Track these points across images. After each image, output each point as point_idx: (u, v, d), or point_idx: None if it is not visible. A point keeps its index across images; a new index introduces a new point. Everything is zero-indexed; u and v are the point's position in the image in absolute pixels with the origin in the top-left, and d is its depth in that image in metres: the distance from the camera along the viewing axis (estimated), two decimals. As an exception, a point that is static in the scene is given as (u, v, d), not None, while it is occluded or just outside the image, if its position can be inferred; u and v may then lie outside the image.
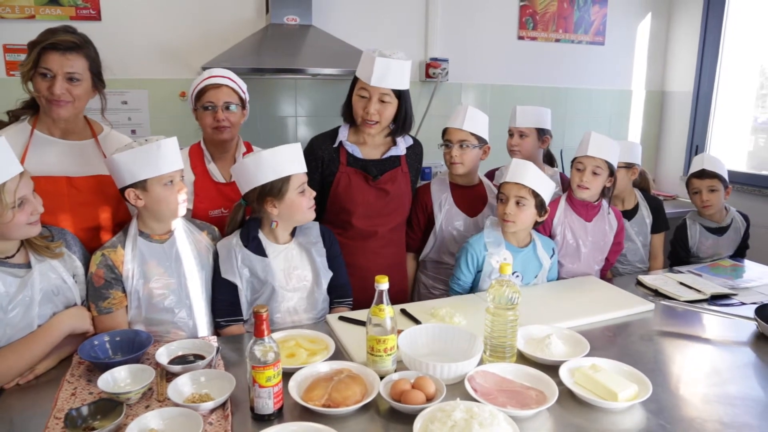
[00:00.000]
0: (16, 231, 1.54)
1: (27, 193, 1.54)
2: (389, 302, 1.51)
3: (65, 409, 1.41)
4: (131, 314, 1.78)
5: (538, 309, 1.97)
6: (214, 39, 3.43)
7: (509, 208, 2.13)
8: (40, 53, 1.77)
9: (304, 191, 1.88)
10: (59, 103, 1.83)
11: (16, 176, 1.50)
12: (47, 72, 1.80)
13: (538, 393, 1.47)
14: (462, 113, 2.33)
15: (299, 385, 1.46)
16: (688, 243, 2.82)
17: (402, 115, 2.14)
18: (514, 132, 2.82)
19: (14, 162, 1.52)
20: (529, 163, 2.18)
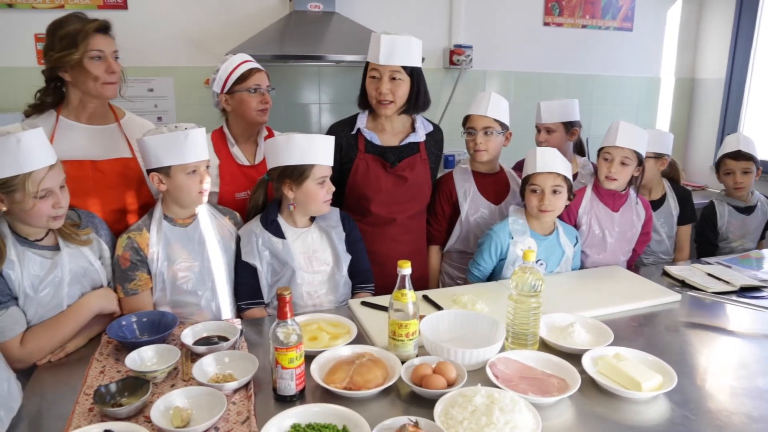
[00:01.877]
0: (38, 220, 1.58)
1: (53, 186, 1.56)
2: (411, 287, 1.51)
3: (94, 386, 1.46)
4: (156, 296, 1.82)
5: (561, 297, 1.95)
6: (238, 26, 3.45)
7: (548, 198, 2.11)
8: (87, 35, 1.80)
9: (324, 183, 1.88)
10: (113, 83, 1.89)
11: (44, 168, 1.53)
12: (99, 54, 1.84)
13: (560, 381, 1.46)
14: (485, 99, 2.31)
15: (321, 367, 1.47)
16: (717, 224, 2.78)
17: (415, 93, 2.12)
18: (540, 128, 2.78)
19: (47, 154, 1.55)
20: (554, 149, 2.15)
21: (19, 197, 1.51)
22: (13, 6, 3.23)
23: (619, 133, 2.27)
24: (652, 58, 4.47)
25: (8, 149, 1.48)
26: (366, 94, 2.14)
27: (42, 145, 1.54)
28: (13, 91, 3.26)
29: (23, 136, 1.49)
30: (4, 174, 1.49)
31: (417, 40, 2.08)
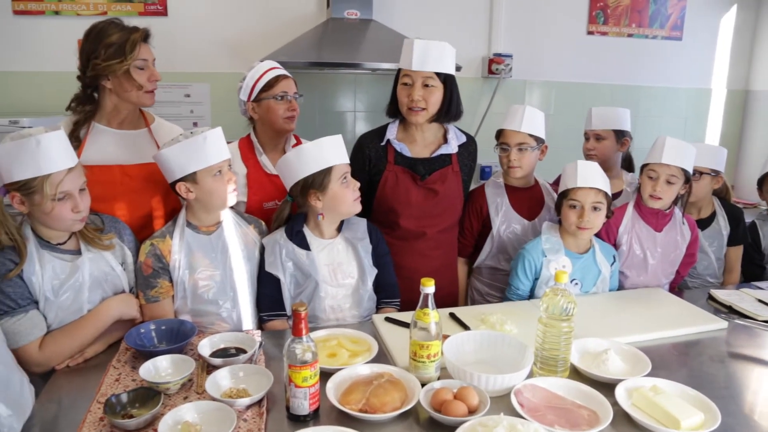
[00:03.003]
0: (57, 223, 1.57)
1: (71, 189, 1.55)
2: (435, 306, 1.44)
3: (108, 394, 1.43)
4: (177, 304, 1.79)
5: (596, 320, 1.85)
6: (275, 33, 3.45)
7: (588, 215, 2.01)
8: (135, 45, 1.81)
9: (347, 181, 1.84)
10: (153, 92, 1.91)
11: (63, 170, 1.53)
12: (144, 63, 1.85)
13: (590, 413, 1.37)
14: (519, 114, 2.21)
15: (337, 387, 1.41)
16: (761, 244, 2.61)
17: (447, 101, 2.05)
18: (590, 135, 2.66)
19: (66, 156, 1.55)
20: (594, 163, 2.06)
21: (37, 199, 1.51)
22: (59, 13, 3.31)
23: (666, 149, 2.14)
24: (702, 69, 4.28)
25: (28, 151, 1.48)
26: (396, 102, 2.07)
27: (62, 147, 1.54)
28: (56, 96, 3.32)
29: (42, 138, 1.49)
30: (23, 175, 1.49)
31: (451, 47, 2.02)
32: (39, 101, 3.34)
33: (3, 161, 1.49)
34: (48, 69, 3.34)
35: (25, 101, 3.34)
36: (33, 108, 3.32)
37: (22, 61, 3.31)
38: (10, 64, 3.29)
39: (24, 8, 3.27)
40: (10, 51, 3.29)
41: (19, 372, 1.39)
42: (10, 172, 1.49)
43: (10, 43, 3.28)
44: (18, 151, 1.48)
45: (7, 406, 1.26)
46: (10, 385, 1.32)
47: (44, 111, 3.27)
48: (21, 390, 1.36)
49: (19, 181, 1.49)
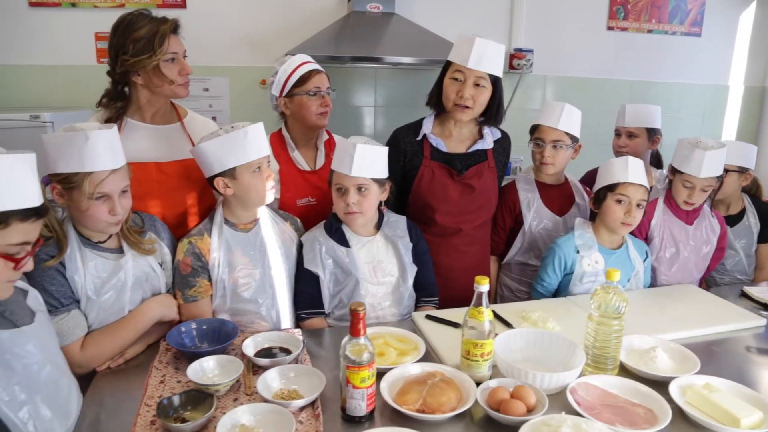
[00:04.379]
0: (92, 223, 1.54)
1: (111, 191, 1.51)
2: (488, 305, 1.42)
3: (155, 396, 1.41)
4: (216, 303, 1.77)
5: (635, 317, 1.81)
6: (296, 27, 3.42)
7: (634, 212, 2.00)
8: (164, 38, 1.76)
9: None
10: (187, 84, 1.87)
11: (106, 171, 1.49)
12: (174, 56, 1.81)
13: (646, 411, 1.35)
14: (558, 110, 2.19)
15: (391, 386, 1.40)
16: None
17: (495, 105, 2.03)
18: (621, 132, 2.63)
19: (112, 157, 1.51)
20: (640, 160, 2.05)
21: (76, 195, 1.48)
22: (75, 5, 3.27)
23: (704, 164, 2.11)
24: (720, 65, 4.26)
25: (75, 145, 1.45)
26: (439, 95, 2.04)
27: (110, 147, 1.50)
28: (75, 89, 3.32)
29: (91, 135, 1.46)
30: (67, 168, 1.46)
31: (504, 48, 2.00)
32: (56, 95, 3.32)
33: (51, 151, 1.46)
34: (65, 62, 3.31)
35: (43, 95, 3.31)
36: (51, 102, 3.29)
37: (39, 55, 3.28)
38: (27, 58, 3.26)
39: (40, 0, 3.22)
40: (27, 44, 3.25)
41: (68, 377, 1.37)
42: (56, 162, 1.46)
43: (26, 36, 3.25)
44: (66, 144, 1.45)
45: (50, 409, 1.24)
46: (58, 389, 1.30)
47: (62, 105, 3.25)
48: (68, 395, 1.33)
49: (62, 173, 1.46)
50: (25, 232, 1.18)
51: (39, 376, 1.24)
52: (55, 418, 1.24)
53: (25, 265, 1.21)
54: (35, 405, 1.20)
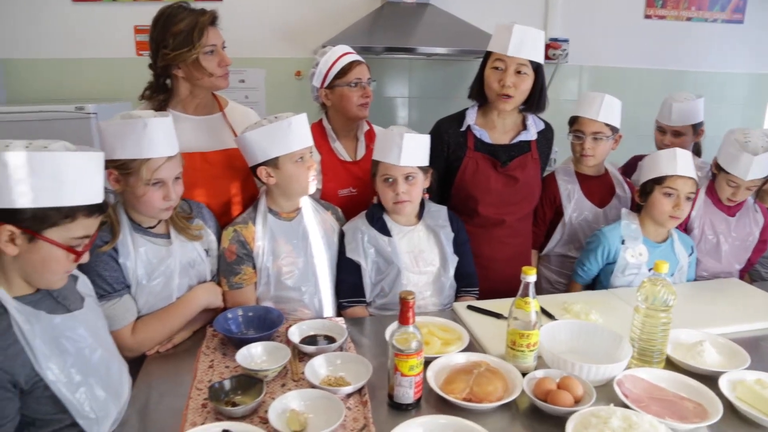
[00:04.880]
0: (145, 208, 1.58)
1: (166, 177, 1.55)
2: (535, 295, 1.42)
3: (204, 380, 1.45)
4: (260, 291, 1.80)
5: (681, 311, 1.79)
6: (331, 19, 3.44)
7: (683, 205, 1.96)
8: (202, 32, 1.78)
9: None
10: (227, 75, 1.89)
11: (163, 157, 1.53)
12: (212, 48, 1.82)
13: (695, 405, 1.34)
14: (598, 102, 2.16)
15: (437, 375, 1.41)
16: None
17: (537, 92, 2.01)
18: (667, 130, 2.57)
19: (168, 144, 1.55)
20: (689, 152, 2.02)
21: (132, 181, 1.52)
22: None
23: (752, 168, 2.06)
24: (762, 53, 4.13)
25: (134, 132, 1.48)
26: (481, 86, 2.03)
27: (167, 135, 1.54)
28: (115, 81, 3.38)
29: (150, 122, 1.49)
30: (125, 155, 1.49)
31: (543, 35, 1.98)
32: (98, 87, 3.40)
33: (109, 138, 1.50)
34: (106, 55, 3.38)
35: (85, 88, 3.39)
36: (93, 94, 3.36)
37: (81, 49, 3.36)
38: (70, 52, 3.34)
39: (82, -5, 3.30)
40: (71, 38, 3.34)
41: (118, 360, 1.41)
42: (113, 149, 1.49)
43: (70, 30, 3.33)
44: (125, 131, 1.48)
45: (104, 390, 1.28)
46: (110, 371, 1.34)
47: (104, 97, 3.31)
48: (120, 378, 1.38)
49: (119, 159, 1.50)
50: (87, 227, 1.23)
51: (91, 360, 1.28)
52: (109, 399, 1.28)
53: (83, 257, 1.25)
54: (90, 387, 1.24)
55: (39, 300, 1.23)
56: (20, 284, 1.21)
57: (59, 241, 1.18)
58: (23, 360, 1.14)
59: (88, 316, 1.33)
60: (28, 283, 1.22)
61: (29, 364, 1.14)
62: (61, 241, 1.18)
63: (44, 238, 1.16)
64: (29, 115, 2.70)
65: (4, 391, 1.12)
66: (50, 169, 1.14)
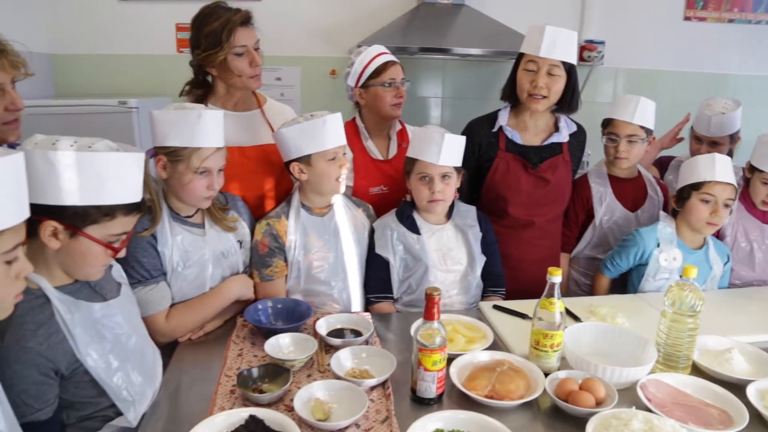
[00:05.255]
0: (189, 196, 1.64)
1: (212, 167, 1.62)
2: (560, 296, 1.43)
3: (234, 368, 1.50)
4: (290, 284, 1.85)
5: (710, 318, 1.77)
6: (366, 18, 3.47)
7: (721, 212, 1.94)
8: (231, 33, 1.83)
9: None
10: (258, 76, 1.93)
11: (212, 148, 1.60)
12: (243, 49, 1.87)
13: (720, 412, 1.33)
14: (633, 104, 2.15)
15: (460, 371, 1.43)
16: None
17: (570, 92, 2.01)
18: (703, 140, 2.52)
19: (218, 136, 1.62)
20: (729, 159, 1.99)
21: (181, 168, 1.58)
22: (160, -3, 3.44)
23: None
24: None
25: (188, 121, 1.55)
26: (513, 87, 2.04)
27: (217, 126, 1.61)
28: (156, 77, 3.48)
29: (204, 114, 1.57)
30: (177, 143, 1.56)
31: (576, 35, 1.99)
32: (140, 83, 3.50)
33: (161, 126, 1.57)
34: (148, 52, 3.48)
35: (127, 83, 3.50)
36: (134, 89, 3.47)
37: (125, 45, 3.47)
38: (115, 47, 3.46)
39: (128, -6, 3.41)
40: (116, 35, 3.45)
41: (152, 346, 1.47)
42: (166, 136, 1.56)
43: (116, 27, 3.44)
44: (178, 120, 1.55)
45: (140, 374, 1.34)
46: (144, 356, 1.40)
47: (145, 92, 3.42)
48: (153, 363, 1.44)
49: (170, 146, 1.57)
50: (125, 224, 1.28)
51: (127, 346, 1.34)
52: (144, 383, 1.35)
53: (120, 252, 1.31)
54: (126, 371, 1.31)
55: (78, 289, 1.28)
56: (60, 275, 1.26)
57: (98, 237, 1.23)
58: (65, 348, 1.20)
59: (123, 304, 1.39)
60: (67, 274, 1.28)
61: (70, 351, 1.21)
62: (100, 238, 1.23)
63: (85, 234, 1.21)
64: (75, 109, 2.80)
65: (46, 378, 1.18)
66: (94, 169, 1.18)
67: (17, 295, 1.02)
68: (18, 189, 0.98)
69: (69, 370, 1.22)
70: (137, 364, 1.35)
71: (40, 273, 1.21)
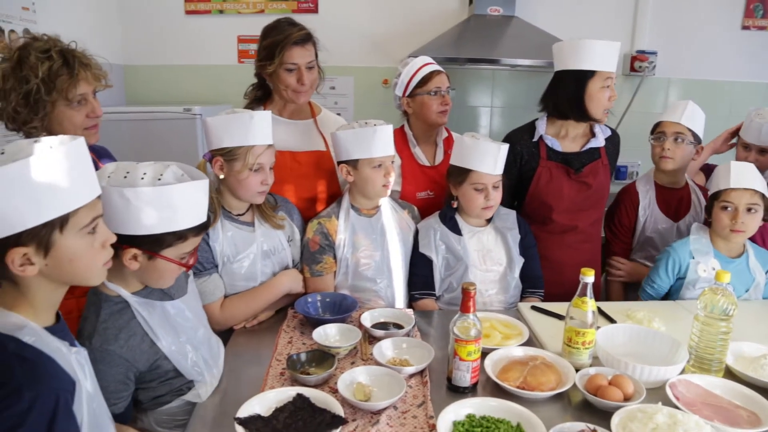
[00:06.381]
0: (245, 192, 1.78)
1: (266, 163, 1.77)
2: (593, 296, 1.50)
3: (284, 353, 1.63)
4: (338, 279, 1.97)
5: (751, 326, 1.80)
6: (417, 30, 3.59)
7: (741, 217, 1.95)
8: (283, 50, 1.98)
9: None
10: (302, 92, 2.06)
11: (264, 145, 1.75)
12: (293, 66, 2.02)
13: (750, 414, 1.36)
14: (681, 106, 2.20)
15: (494, 364, 1.51)
16: None
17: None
18: (752, 147, 2.48)
19: (268, 135, 1.77)
20: (751, 165, 1.99)
21: (237, 166, 1.72)
22: (223, 12, 3.66)
23: None
24: None
25: (242, 123, 1.71)
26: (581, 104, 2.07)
27: (267, 126, 1.76)
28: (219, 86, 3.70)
29: (255, 114, 1.72)
30: (233, 143, 1.71)
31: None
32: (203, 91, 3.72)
33: (216, 130, 1.72)
34: (211, 62, 3.70)
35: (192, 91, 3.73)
36: (198, 97, 3.70)
37: (191, 56, 3.71)
38: (181, 58, 3.70)
39: (194, 8, 3.65)
40: (183, 47, 3.70)
41: (215, 336, 1.62)
42: (221, 139, 1.72)
43: (182, 39, 3.69)
44: (232, 123, 1.71)
45: (209, 358, 1.50)
46: (210, 344, 1.55)
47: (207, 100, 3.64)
48: (218, 350, 1.59)
49: (226, 147, 1.72)
50: (195, 243, 1.42)
51: (197, 336, 1.49)
52: (212, 366, 1.50)
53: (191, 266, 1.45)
54: (199, 357, 1.46)
55: (150, 292, 1.42)
56: (135, 283, 1.40)
57: (173, 257, 1.36)
58: (143, 348, 1.35)
59: (190, 301, 1.54)
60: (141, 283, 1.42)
61: (148, 350, 1.36)
62: (174, 258, 1.36)
63: (161, 256, 1.34)
64: (144, 115, 3.03)
65: (125, 378, 1.34)
66: (167, 201, 1.29)
67: (106, 262, 1.14)
68: (87, 170, 1.07)
69: (147, 365, 1.37)
70: (206, 351, 1.50)
71: (117, 284, 1.35)
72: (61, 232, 1.02)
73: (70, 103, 1.59)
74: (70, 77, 1.55)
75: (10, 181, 0.94)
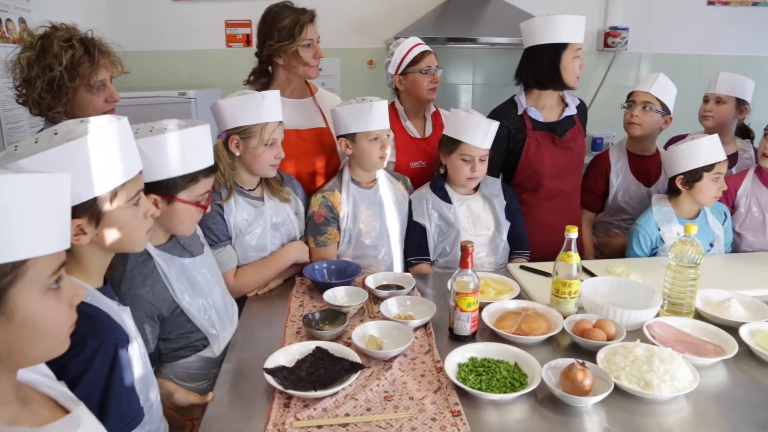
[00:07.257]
0: (259, 166, 1.90)
1: (278, 138, 1.90)
2: (576, 250, 1.67)
3: (297, 315, 1.78)
4: (341, 249, 2.12)
5: (718, 276, 1.97)
6: (401, 12, 3.72)
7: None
8: (303, 27, 2.12)
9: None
10: (317, 67, 2.22)
11: (276, 122, 1.88)
12: (309, 42, 2.16)
13: (716, 347, 1.55)
14: (653, 78, 2.39)
15: (491, 315, 1.68)
16: None
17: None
18: (710, 98, 2.66)
19: (279, 112, 1.90)
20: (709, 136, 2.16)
21: (253, 143, 1.85)
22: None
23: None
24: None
25: (254, 103, 1.83)
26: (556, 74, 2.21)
27: (277, 104, 1.89)
28: (205, 70, 3.78)
29: (266, 94, 1.84)
30: (247, 122, 1.84)
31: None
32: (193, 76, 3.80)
33: (230, 110, 1.84)
34: (201, 47, 3.78)
35: (181, 76, 3.81)
36: (187, 81, 3.78)
37: (179, 41, 3.78)
38: (171, 44, 3.77)
39: (181, -6, 3.71)
40: (172, 33, 3.77)
41: (230, 296, 1.77)
42: (236, 119, 1.84)
43: (170, 25, 3.75)
44: (245, 103, 1.83)
45: (223, 315, 1.65)
46: (225, 303, 1.69)
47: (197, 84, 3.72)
48: (232, 309, 1.74)
49: (242, 126, 1.84)
50: (206, 184, 1.56)
51: (213, 294, 1.63)
52: (227, 323, 1.65)
53: (208, 208, 1.59)
54: (213, 312, 1.60)
55: (171, 247, 1.57)
56: (158, 234, 1.53)
57: (189, 199, 1.51)
58: (165, 295, 1.49)
59: (207, 260, 1.68)
60: (167, 232, 1.56)
61: (170, 297, 1.50)
62: (190, 200, 1.51)
63: (178, 199, 1.49)
64: (140, 100, 3.11)
65: (151, 320, 1.48)
66: (178, 146, 1.44)
67: (148, 231, 1.28)
68: (132, 147, 1.21)
69: (168, 312, 1.50)
70: (221, 309, 1.64)
71: None
72: (111, 204, 1.15)
73: (91, 89, 1.70)
74: (91, 64, 1.66)
75: (68, 159, 1.06)
